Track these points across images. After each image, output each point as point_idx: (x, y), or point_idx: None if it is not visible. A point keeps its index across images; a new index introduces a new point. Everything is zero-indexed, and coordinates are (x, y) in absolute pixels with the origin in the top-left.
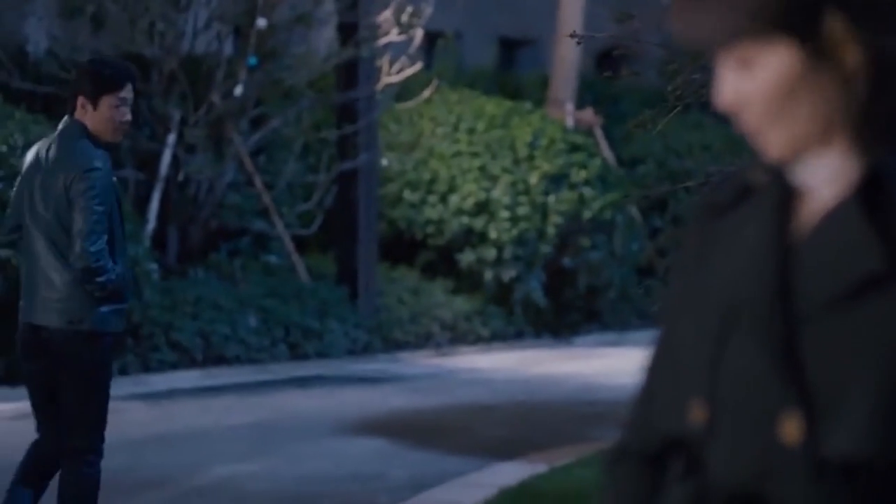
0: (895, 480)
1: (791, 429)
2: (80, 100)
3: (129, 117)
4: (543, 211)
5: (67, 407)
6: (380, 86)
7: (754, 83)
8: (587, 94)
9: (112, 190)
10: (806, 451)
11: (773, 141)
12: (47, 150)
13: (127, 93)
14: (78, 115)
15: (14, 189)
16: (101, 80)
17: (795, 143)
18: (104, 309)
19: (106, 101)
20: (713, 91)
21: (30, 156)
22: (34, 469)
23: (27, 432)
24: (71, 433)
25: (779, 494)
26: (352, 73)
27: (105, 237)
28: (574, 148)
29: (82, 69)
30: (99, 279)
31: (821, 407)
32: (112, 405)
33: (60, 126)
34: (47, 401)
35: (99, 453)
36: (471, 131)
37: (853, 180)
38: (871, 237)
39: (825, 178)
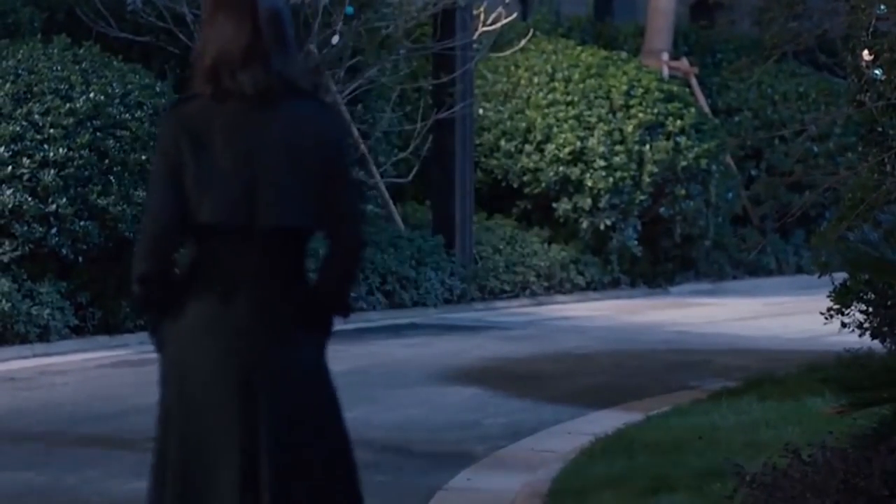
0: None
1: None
2: None
3: None
4: (639, 160)
5: None
6: (476, 35)
7: None
8: (683, 43)
9: None
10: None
11: None
12: None
13: None
14: None
15: None
16: None
17: None
18: None
19: None
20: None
21: None
22: None
23: (126, 380)
24: None
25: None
26: (448, 22)
27: None
28: (670, 97)
29: None
30: None
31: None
32: None
33: None
34: None
35: None
36: (567, 80)
37: None
38: None
39: None
